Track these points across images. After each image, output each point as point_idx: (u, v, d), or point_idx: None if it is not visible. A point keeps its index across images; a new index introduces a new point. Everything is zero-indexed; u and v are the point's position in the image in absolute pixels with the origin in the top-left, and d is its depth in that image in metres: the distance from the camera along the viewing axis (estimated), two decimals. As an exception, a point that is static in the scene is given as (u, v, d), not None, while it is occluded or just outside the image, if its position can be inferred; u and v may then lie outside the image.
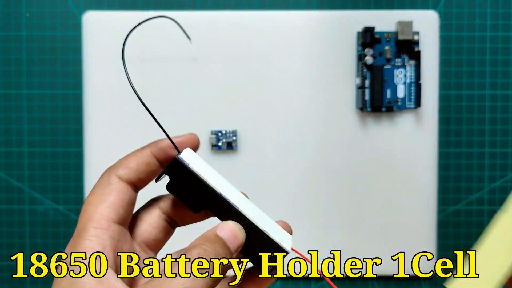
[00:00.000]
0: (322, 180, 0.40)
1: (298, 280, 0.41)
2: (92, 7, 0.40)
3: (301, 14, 0.40)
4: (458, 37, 0.40)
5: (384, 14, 0.39)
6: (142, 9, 0.40)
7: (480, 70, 0.41)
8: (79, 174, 0.41)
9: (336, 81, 0.40)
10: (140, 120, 0.40)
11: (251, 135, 0.40)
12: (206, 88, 0.40)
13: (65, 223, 0.41)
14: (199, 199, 0.23)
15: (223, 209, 0.22)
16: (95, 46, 0.39)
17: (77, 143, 0.41)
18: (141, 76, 0.40)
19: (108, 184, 0.22)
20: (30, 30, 0.40)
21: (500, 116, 0.41)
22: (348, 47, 0.39)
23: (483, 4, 0.40)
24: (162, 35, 0.39)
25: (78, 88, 0.40)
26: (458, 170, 0.41)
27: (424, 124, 0.40)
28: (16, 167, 0.41)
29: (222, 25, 0.39)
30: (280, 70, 0.40)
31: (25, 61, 0.40)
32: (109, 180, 0.23)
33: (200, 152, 0.40)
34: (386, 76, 0.39)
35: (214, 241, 0.22)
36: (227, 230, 0.22)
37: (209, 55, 0.39)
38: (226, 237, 0.22)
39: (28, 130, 0.41)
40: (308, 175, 0.40)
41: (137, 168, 0.23)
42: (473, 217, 0.41)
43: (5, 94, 0.41)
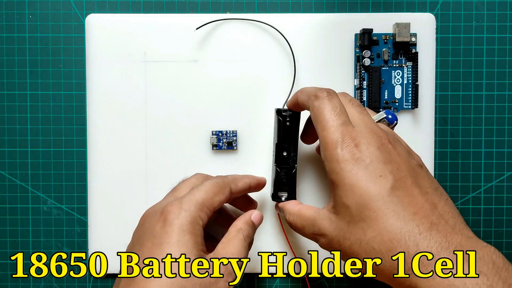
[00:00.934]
0: (322, 180, 0.40)
1: (297, 280, 0.41)
2: (94, 10, 0.41)
3: (300, 17, 0.40)
4: (455, 39, 0.41)
5: (381, 16, 0.40)
6: (144, 12, 0.41)
7: (477, 71, 0.41)
8: (82, 174, 0.41)
9: (335, 82, 0.40)
10: (143, 120, 0.40)
11: (251, 135, 0.40)
12: (207, 89, 0.40)
13: (68, 222, 0.41)
14: None
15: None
16: (98, 47, 0.40)
17: (81, 143, 0.41)
18: (143, 77, 0.40)
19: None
20: (33, 31, 0.41)
21: (496, 116, 0.41)
22: (346, 49, 0.40)
23: (480, 6, 0.41)
24: (164, 37, 0.40)
25: (81, 89, 0.41)
26: (455, 170, 0.41)
27: (421, 124, 0.40)
28: (19, 166, 0.41)
29: (223, 27, 0.40)
30: (280, 71, 0.40)
31: (28, 62, 0.41)
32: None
33: (200, 152, 0.40)
34: (383, 77, 0.39)
35: (251, 225, 0.33)
36: (257, 216, 0.34)
37: (210, 56, 0.40)
38: (256, 221, 0.33)
39: (31, 130, 0.41)
40: (307, 175, 0.40)
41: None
42: (470, 216, 0.41)
43: (8, 94, 0.41)
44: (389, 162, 0.28)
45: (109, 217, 0.40)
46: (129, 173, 0.40)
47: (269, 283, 0.41)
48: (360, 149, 0.28)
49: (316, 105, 0.31)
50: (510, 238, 0.41)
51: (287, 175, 0.36)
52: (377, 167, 0.28)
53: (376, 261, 0.27)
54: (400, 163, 0.28)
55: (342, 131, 0.29)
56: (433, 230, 0.26)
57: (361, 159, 0.28)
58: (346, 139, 0.28)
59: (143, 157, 0.40)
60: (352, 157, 0.28)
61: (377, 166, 0.28)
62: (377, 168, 0.28)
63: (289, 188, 0.36)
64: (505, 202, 0.41)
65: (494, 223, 0.41)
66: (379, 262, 0.27)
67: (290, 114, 0.35)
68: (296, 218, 0.33)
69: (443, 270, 0.25)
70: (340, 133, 0.29)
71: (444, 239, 0.26)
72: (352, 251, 0.28)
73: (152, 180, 0.40)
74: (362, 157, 0.28)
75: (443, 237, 0.26)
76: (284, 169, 0.36)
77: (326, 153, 0.29)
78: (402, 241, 0.26)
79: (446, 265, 0.25)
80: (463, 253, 0.25)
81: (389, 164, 0.28)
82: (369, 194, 0.27)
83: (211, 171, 0.40)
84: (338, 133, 0.29)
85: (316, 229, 0.31)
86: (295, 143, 0.36)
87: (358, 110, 0.31)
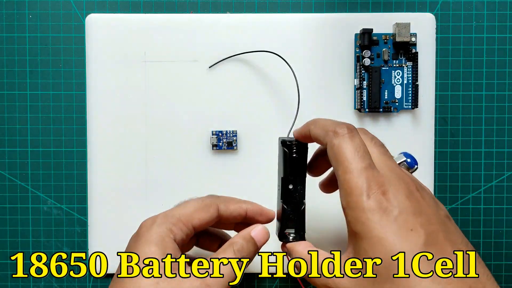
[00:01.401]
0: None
1: (297, 280, 0.41)
2: (94, 10, 0.41)
3: (300, 17, 0.40)
4: (455, 39, 0.41)
5: (381, 16, 0.40)
6: (144, 12, 0.41)
7: (477, 71, 0.41)
8: (82, 174, 0.41)
9: (335, 82, 0.40)
10: (143, 120, 0.40)
11: (251, 135, 0.40)
12: (207, 89, 0.40)
13: (68, 222, 0.41)
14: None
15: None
16: (98, 47, 0.40)
17: (81, 143, 0.41)
18: (143, 77, 0.40)
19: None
20: (33, 31, 0.41)
21: (496, 116, 0.41)
22: (346, 49, 0.40)
23: (480, 6, 0.41)
24: (163, 37, 0.40)
25: (81, 89, 0.41)
26: (455, 170, 0.41)
27: (421, 124, 0.40)
28: (19, 166, 0.41)
29: (223, 27, 0.40)
30: (279, 71, 0.40)
31: (28, 62, 0.41)
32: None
33: (200, 152, 0.40)
34: (383, 77, 0.39)
35: (249, 240, 0.30)
36: (259, 232, 0.31)
37: (210, 57, 0.40)
38: (256, 238, 0.31)
39: (31, 130, 0.41)
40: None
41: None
42: (470, 216, 0.41)
43: (8, 94, 0.41)
44: (419, 214, 0.25)
45: (109, 217, 0.40)
46: (129, 173, 0.40)
47: (269, 283, 0.42)
48: (388, 197, 0.25)
49: (336, 144, 0.27)
50: (510, 238, 0.41)
51: (294, 212, 0.32)
52: (408, 220, 0.25)
53: (376, 261, 0.26)
54: (430, 215, 0.26)
55: (367, 176, 0.26)
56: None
57: (389, 209, 0.25)
58: (372, 186, 0.26)
59: (143, 157, 0.40)
60: (380, 207, 0.25)
61: (407, 219, 0.25)
62: (407, 220, 0.25)
63: (298, 225, 0.32)
64: (505, 202, 0.41)
65: (494, 223, 0.41)
66: (379, 262, 0.26)
67: (297, 145, 0.32)
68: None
69: (443, 270, 0.24)
70: (365, 178, 0.26)
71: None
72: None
73: (152, 180, 0.40)
74: (390, 207, 0.25)
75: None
76: (291, 205, 0.32)
77: (350, 200, 0.26)
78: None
79: (446, 265, 0.24)
80: (463, 253, 0.25)
81: (419, 216, 0.25)
82: (400, 250, 0.24)
83: (211, 171, 0.40)
84: (363, 178, 0.26)
85: (330, 282, 0.28)
86: (303, 177, 0.32)
87: (381, 151, 0.29)
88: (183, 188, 0.40)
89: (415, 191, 0.26)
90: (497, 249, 0.41)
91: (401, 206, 0.25)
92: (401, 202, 0.25)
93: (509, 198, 0.41)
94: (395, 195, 0.25)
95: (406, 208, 0.25)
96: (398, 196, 0.26)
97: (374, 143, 0.29)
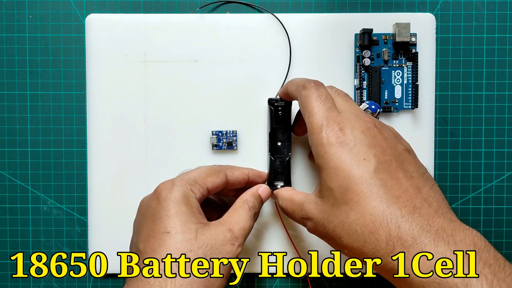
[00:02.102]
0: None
1: (297, 280, 0.41)
2: (94, 10, 0.41)
3: (300, 17, 0.40)
4: (455, 39, 0.41)
5: (381, 16, 0.40)
6: (143, 12, 0.41)
7: (477, 71, 0.41)
8: (82, 174, 0.41)
9: (335, 82, 0.40)
10: (143, 120, 0.40)
11: (251, 135, 0.40)
12: (207, 89, 0.40)
13: (68, 222, 0.41)
14: None
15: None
16: (98, 47, 0.40)
17: (81, 143, 0.41)
18: (143, 77, 0.40)
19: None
20: (33, 31, 0.41)
21: (496, 116, 0.41)
22: (346, 49, 0.40)
23: (480, 6, 0.41)
24: (163, 37, 0.40)
25: (81, 89, 0.41)
26: (455, 170, 0.41)
27: (421, 124, 0.40)
28: (19, 166, 0.41)
29: (223, 27, 0.40)
30: (279, 71, 0.40)
31: (28, 62, 0.41)
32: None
33: (200, 152, 0.40)
34: (383, 77, 0.39)
35: (257, 197, 0.35)
36: (264, 190, 0.36)
37: (210, 57, 0.40)
38: (262, 195, 0.35)
39: (31, 130, 0.41)
40: (307, 175, 0.40)
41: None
42: (470, 216, 0.41)
43: (8, 94, 0.41)
44: (373, 145, 0.28)
45: (109, 217, 0.40)
46: (129, 173, 0.40)
47: (269, 283, 0.42)
48: (345, 132, 0.29)
49: (303, 94, 0.31)
50: (510, 238, 0.41)
51: (281, 164, 0.38)
52: (361, 150, 0.28)
53: (376, 261, 0.27)
54: (385, 147, 0.29)
55: (327, 116, 0.29)
56: (415, 213, 0.26)
57: (345, 142, 0.28)
58: (330, 123, 0.29)
59: (143, 157, 0.40)
60: (337, 140, 0.28)
61: (361, 149, 0.28)
62: (361, 151, 0.28)
63: (284, 176, 0.38)
64: (505, 202, 0.41)
65: (494, 223, 0.41)
66: (379, 262, 0.26)
67: (282, 104, 0.37)
68: (287, 203, 0.33)
69: (443, 270, 0.25)
70: (325, 117, 0.29)
71: (426, 222, 0.26)
72: (336, 234, 0.28)
73: (152, 180, 0.40)
74: (346, 141, 0.28)
75: (425, 220, 0.26)
76: (278, 158, 0.38)
77: (312, 138, 0.30)
78: (384, 223, 0.26)
79: (446, 265, 0.25)
80: (463, 253, 0.25)
81: (374, 147, 0.28)
82: (352, 176, 0.27)
83: (211, 171, 0.40)
84: (323, 118, 0.29)
85: (303, 213, 0.31)
86: (288, 132, 0.38)
87: (344, 99, 0.32)
88: (183, 188, 0.40)
89: (373, 127, 0.29)
90: (497, 249, 0.41)
91: (356, 140, 0.28)
92: (356, 136, 0.28)
93: (509, 198, 0.41)
94: (351, 131, 0.29)
95: (361, 141, 0.28)
96: (354, 131, 0.29)
97: (338, 94, 0.33)
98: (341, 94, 0.33)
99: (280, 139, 0.38)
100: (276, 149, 0.38)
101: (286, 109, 0.37)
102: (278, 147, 0.38)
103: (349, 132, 0.29)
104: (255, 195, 0.35)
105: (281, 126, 0.38)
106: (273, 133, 0.38)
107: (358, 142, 0.28)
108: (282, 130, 0.38)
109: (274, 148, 0.38)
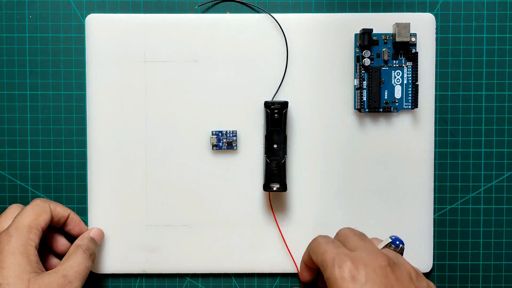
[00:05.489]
0: (320, 179, 0.40)
1: (297, 280, 0.41)
2: (94, 10, 0.41)
3: (300, 17, 0.40)
4: (455, 39, 0.41)
5: (381, 16, 0.40)
6: (144, 12, 0.41)
7: (477, 71, 0.41)
8: (82, 174, 0.41)
9: (335, 82, 0.40)
10: (143, 120, 0.40)
11: (251, 135, 0.40)
12: (207, 89, 0.40)
13: (67, 223, 0.41)
14: None
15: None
16: (98, 47, 0.40)
17: (81, 143, 0.41)
18: (143, 77, 0.40)
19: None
20: (33, 31, 0.41)
21: (496, 116, 0.41)
22: (346, 49, 0.40)
23: (480, 6, 0.41)
24: (163, 37, 0.40)
25: (81, 89, 0.41)
26: (455, 170, 0.41)
27: (421, 125, 0.40)
28: (19, 166, 0.41)
29: (223, 27, 0.40)
30: (279, 72, 0.40)
31: (28, 62, 0.41)
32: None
33: (200, 152, 0.40)
34: (383, 77, 0.39)
35: (90, 239, 0.38)
36: (96, 232, 0.39)
37: (210, 57, 0.40)
38: (96, 237, 0.39)
39: (31, 130, 0.41)
40: (306, 175, 0.40)
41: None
42: (469, 216, 0.41)
43: (8, 94, 0.41)
44: (383, 285, 0.30)
45: (109, 217, 0.40)
46: (129, 173, 0.40)
47: (269, 283, 0.42)
48: (357, 267, 0.30)
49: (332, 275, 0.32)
50: (510, 238, 0.41)
51: (277, 166, 0.38)
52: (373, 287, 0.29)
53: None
54: (395, 287, 0.30)
55: (338, 251, 0.32)
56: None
57: (357, 278, 0.30)
58: (343, 259, 0.31)
59: (143, 157, 0.40)
60: (349, 275, 0.30)
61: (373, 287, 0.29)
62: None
63: (280, 178, 0.38)
64: (505, 202, 0.41)
65: (494, 223, 0.41)
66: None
67: (278, 107, 0.38)
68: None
69: None
70: (337, 253, 0.31)
71: None
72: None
73: (152, 180, 0.40)
74: (358, 276, 0.30)
75: None
76: (274, 161, 0.38)
77: (327, 273, 0.31)
78: None
79: None
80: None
81: (383, 286, 0.29)
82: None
83: (211, 171, 0.40)
84: (335, 253, 0.31)
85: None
86: (284, 135, 0.38)
87: (361, 238, 0.34)
88: (183, 188, 0.40)
89: (386, 266, 0.30)
90: (497, 249, 0.41)
91: (367, 277, 0.30)
92: (368, 273, 0.30)
93: (509, 198, 0.41)
94: (364, 267, 0.30)
95: (372, 279, 0.30)
96: (367, 268, 0.30)
97: (354, 233, 0.35)
98: (357, 233, 0.35)
99: (276, 142, 0.38)
100: (272, 152, 0.38)
101: (282, 112, 0.38)
102: (274, 149, 0.38)
103: (361, 268, 0.30)
104: (87, 238, 0.38)
105: (277, 129, 0.38)
106: (269, 135, 0.38)
107: (369, 280, 0.29)
108: (278, 133, 0.38)
109: (270, 150, 0.38)
